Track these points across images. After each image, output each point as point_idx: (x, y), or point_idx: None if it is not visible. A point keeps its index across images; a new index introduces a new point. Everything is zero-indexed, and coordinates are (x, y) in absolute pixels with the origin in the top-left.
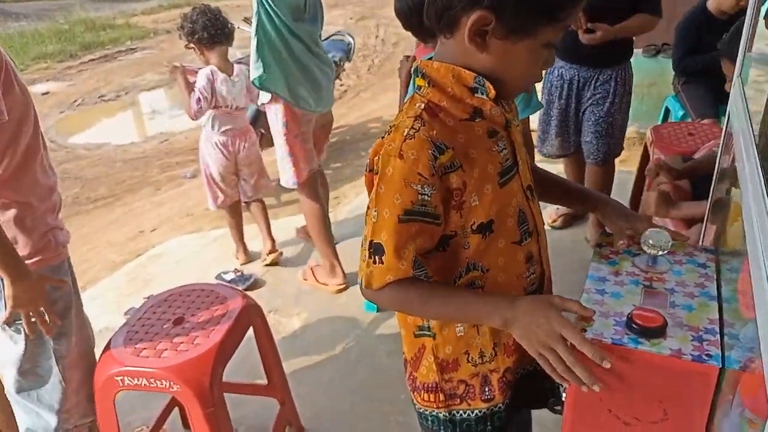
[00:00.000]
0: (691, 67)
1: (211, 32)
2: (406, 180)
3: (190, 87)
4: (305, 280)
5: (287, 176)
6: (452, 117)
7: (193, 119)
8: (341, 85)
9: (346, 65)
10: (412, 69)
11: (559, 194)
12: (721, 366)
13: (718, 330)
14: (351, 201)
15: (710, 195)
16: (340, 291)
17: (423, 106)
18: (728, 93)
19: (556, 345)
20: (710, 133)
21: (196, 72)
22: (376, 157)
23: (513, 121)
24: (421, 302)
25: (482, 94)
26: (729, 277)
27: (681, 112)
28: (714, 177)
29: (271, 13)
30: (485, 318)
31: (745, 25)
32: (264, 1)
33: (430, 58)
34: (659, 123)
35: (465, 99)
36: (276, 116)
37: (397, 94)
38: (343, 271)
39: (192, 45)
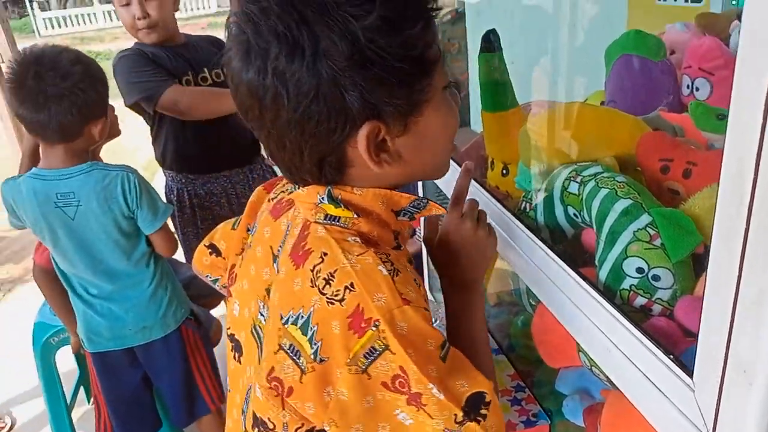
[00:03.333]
0: None
1: None
2: (426, 318)
3: None
4: None
5: None
6: (385, 248)
7: None
8: None
9: None
10: (325, 199)
11: None
12: (549, 422)
13: (523, 384)
14: None
15: None
16: None
17: (358, 239)
18: None
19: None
20: None
21: None
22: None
23: None
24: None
25: (406, 216)
26: (499, 322)
27: None
28: None
29: None
30: (480, 309)
31: None
32: None
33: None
34: None
35: (390, 225)
36: None
37: None
38: None
39: None
